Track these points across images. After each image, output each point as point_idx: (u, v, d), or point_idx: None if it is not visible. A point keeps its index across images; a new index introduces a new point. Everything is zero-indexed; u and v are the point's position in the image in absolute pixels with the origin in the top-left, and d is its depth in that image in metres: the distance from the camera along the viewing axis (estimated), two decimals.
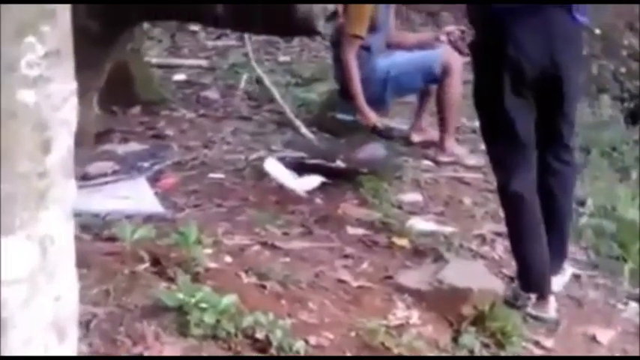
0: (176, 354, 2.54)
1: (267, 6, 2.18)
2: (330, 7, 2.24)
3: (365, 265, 3.86)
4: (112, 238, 3.45)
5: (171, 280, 3.06)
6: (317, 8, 2.19)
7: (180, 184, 4.60)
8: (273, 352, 2.79)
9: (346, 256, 3.93)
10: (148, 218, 3.99)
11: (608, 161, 6.19)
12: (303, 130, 5.63)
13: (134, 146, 5.19)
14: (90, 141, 2.95)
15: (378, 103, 5.53)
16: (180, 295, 2.72)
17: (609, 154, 6.31)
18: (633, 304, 4.14)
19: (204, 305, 2.69)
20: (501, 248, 4.36)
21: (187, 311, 2.69)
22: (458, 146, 5.56)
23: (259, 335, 2.81)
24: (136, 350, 2.53)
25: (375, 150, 5.24)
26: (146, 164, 4.85)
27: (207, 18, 2.36)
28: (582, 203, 5.11)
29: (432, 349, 3.30)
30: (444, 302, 3.53)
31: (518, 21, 3.59)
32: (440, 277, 3.60)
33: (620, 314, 4.06)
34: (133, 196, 4.19)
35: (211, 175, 4.81)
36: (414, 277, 3.67)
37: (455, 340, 3.44)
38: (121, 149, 5.11)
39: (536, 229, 3.77)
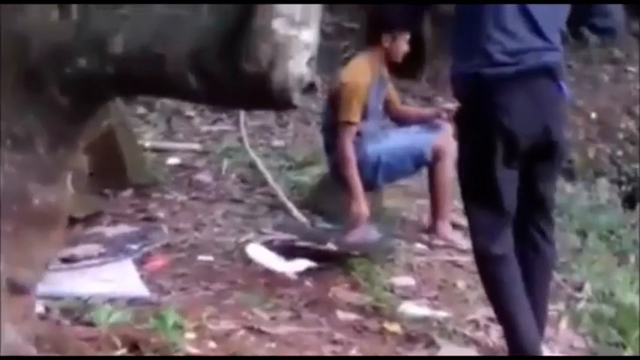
0: None
1: (241, 78, 2.12)
2: (307, 78, 2.17)
3: (354, 352, 3.75)
4: (92, 323, 3.35)
5: None
6: (292, 80, 2.13)
7: (168, 267, 4.51)
8: None
9: (335, 342, 3.82)
10: (132, 301, 3.89)
11: (606, 245, 6.09)
12: (295, 212, 5.56)
13: (123, 228, 5.12)
14: (64, 222, 2.86)
15: (370, 187, 5.46)
16: None
17: (607, 237, 6.22)
18: None
19: None
20: (495, 334, 4.24)
21: None
22: (451, 230, 5.47)
23: None
24: None
25: (367, 233, 5.16)
26: (134, 247, 4.77)
27: (181, 91, 2.30)
28: (580, 288, 5.01)
29: None
30: None
31: (507, 89, 3.56)
32: None
33: None
34: (117, 279, 4.10)
35: (200, 257, 4.72)
36: None
37: None
38: (109, 232, 5.04)
39: (520, 295, 3.69)
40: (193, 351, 3.24)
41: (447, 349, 3.71)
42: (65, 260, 4.44)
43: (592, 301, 4.85)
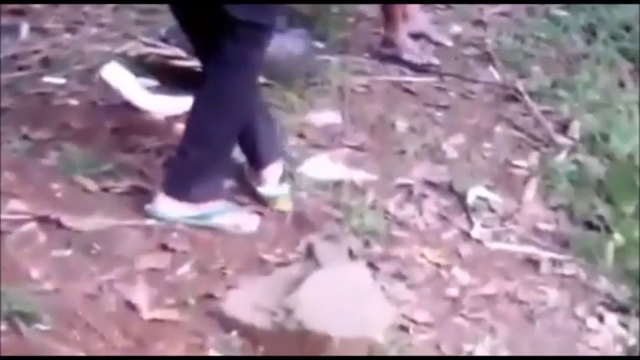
0: None
1: None
2: None
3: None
4: None
5: None
6: None
7: None
8: None
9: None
10: None
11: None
12: None
13: None
14: None
15: None
16: None
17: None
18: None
19: None
20: (432, 209, 3.07)
21: None
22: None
23: None
24: None
25: (291, 41, 3.75)
26: None
27: None
28: (565, 127, 3.69)
29: None
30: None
31: None
32: (288, 301, 2.27)
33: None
34: None
35: (46, 79, 3.44)
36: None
37: None
38: None
39: None
40: None
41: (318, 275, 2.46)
42: None
43: (577, 151, 3.52)
